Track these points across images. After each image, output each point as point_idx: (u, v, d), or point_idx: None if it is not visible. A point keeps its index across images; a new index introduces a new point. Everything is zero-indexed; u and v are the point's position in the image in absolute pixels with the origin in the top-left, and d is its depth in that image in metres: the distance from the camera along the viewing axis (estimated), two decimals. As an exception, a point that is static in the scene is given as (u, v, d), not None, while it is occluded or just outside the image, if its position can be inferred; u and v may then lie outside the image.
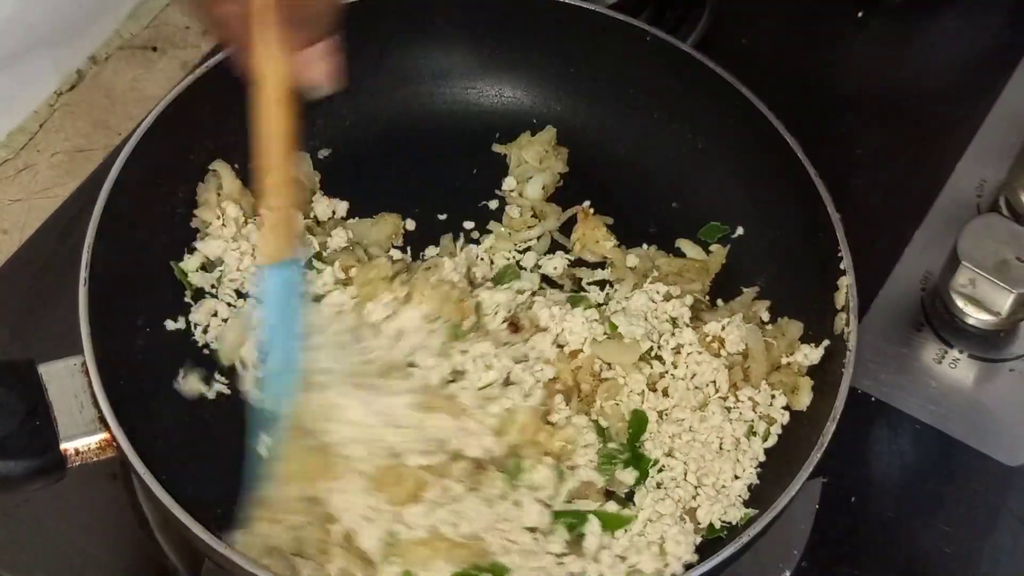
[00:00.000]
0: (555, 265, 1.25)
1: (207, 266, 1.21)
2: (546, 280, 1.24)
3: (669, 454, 1.14)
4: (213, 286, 1.21)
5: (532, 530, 1.09)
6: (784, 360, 1.18)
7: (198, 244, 1.21)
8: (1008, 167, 1.37)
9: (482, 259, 1.25)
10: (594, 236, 1.26)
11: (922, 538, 1.22)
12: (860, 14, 1.54)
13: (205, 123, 1.24)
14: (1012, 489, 1.24)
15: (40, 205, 1.37)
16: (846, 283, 1.15)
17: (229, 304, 1.20)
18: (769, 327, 1.21)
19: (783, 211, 1.24)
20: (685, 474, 1.13)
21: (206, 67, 1.22)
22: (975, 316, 1.28)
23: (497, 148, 1.32)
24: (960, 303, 1.28)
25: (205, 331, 1.19)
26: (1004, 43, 1.52)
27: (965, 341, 1.30)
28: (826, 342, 1.16)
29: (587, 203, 1.28)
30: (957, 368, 1.30)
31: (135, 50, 1.48)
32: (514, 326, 1.18)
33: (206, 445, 1.14)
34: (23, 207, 1.37)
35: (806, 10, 1.56)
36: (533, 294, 1.22)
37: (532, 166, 1.30)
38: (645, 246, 1.26)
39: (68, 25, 1.42)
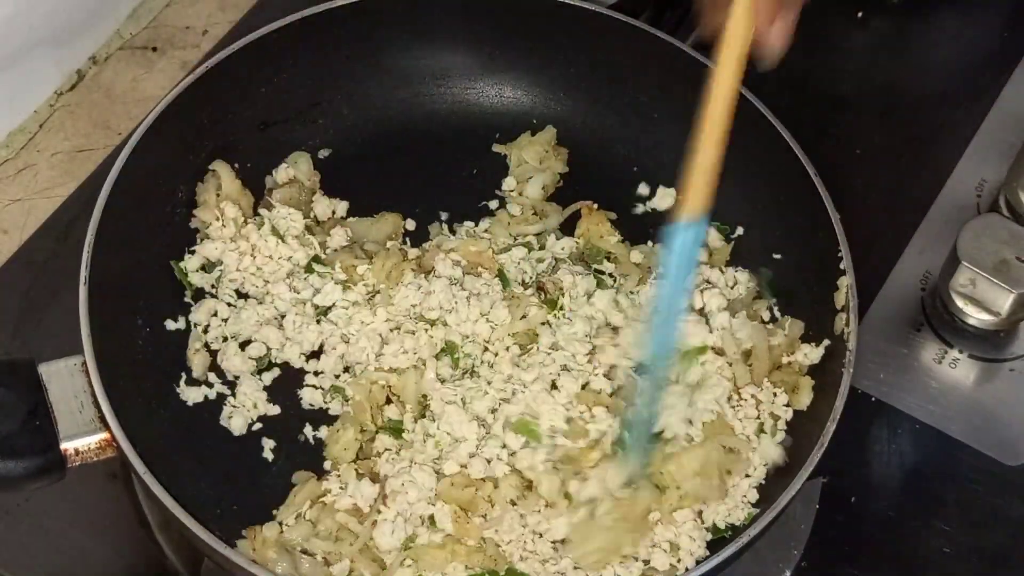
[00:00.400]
0: (563, 246, 1.25)
1: (207, 266, 1.21)
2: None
3: None
4: (213, 286, 1.21)
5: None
6: (785, 359, 1.18)
7: (197, 245, 1.22)
8: (1008, 167, 1.37)
9: (487, 234, 1.25)
10: (599, 231, 1.26)
11: (922, 538, 1.22)
12: (860, 14, 1.54)
13: (205, 123, 1.24)
14: (1012, 489, 1.24)
15: (40, 205, 1.37)
16: (846, 283, 1.15)
17: (229, 304, 1.20)
18: (770, 326, 1.21)
19: (783, 211, 1.24)
20: None
21: (206, 67, 1.23)
22: (975, 316, 1.28)
23: (497, 148, 1.32)
24: (960, 303, 1.28)
25: (205, 331, 1.19)
26: (1004, 43, 1.52)
27: (965, 341, 1.30)
28: (826, 342, 1.16)
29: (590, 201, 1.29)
30: (957, 368, 1.30)
31: (135, 50, 1.48)
32: (541, 289, 1.19)
33: (207, 445, 1.14)
34: (23, 207, 1.37)
35: (806, 10, 1.55)
36: (555, 264, 1.22)
37: (532, 166, 1.30)
38: (650, 243, 1.26)
39: (68, 25, 1.41)
